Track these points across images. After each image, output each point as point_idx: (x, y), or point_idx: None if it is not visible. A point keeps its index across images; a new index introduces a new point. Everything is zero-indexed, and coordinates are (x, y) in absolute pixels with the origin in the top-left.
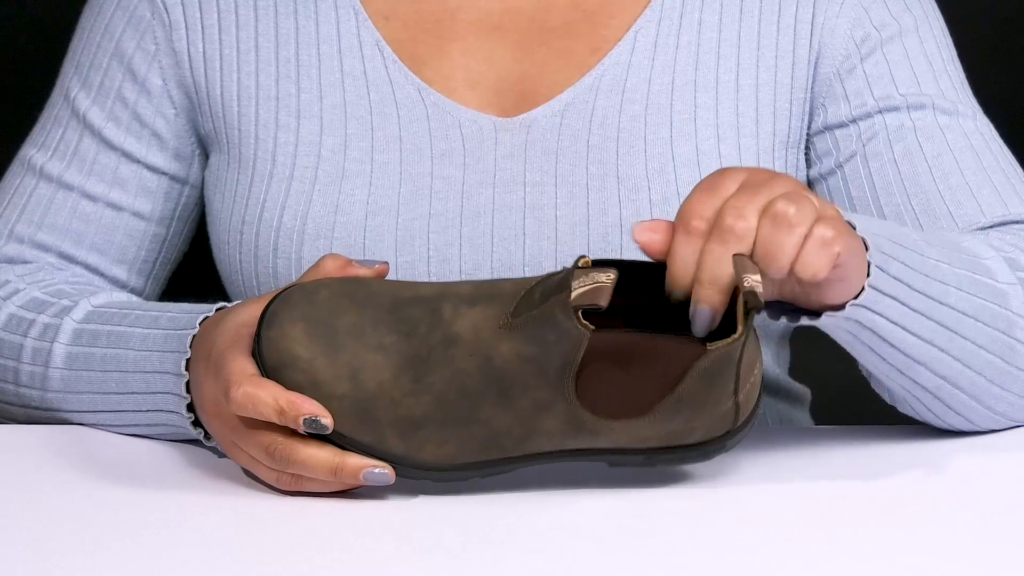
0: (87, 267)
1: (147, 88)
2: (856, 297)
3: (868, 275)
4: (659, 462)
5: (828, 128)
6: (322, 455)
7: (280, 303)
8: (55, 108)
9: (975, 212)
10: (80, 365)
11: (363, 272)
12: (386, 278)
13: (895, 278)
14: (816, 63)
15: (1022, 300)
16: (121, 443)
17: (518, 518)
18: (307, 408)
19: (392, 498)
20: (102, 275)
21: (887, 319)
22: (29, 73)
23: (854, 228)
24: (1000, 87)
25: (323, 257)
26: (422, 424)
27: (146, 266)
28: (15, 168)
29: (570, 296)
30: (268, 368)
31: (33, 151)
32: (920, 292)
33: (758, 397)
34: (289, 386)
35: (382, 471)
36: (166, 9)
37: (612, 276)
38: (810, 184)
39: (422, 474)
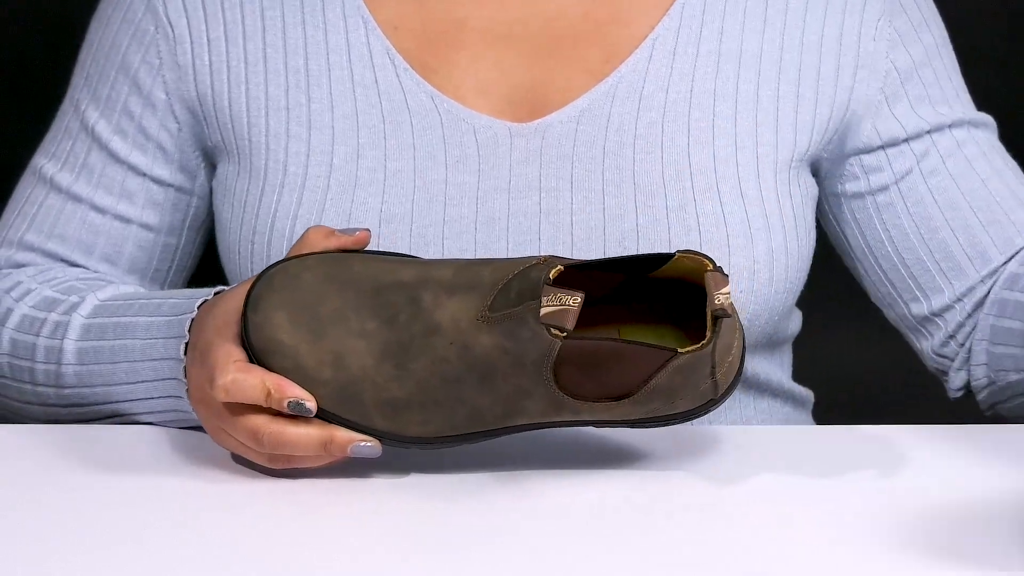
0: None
1: (152, 102)
2: None
3: None
4: (643, 426)
5: (882, 146)
6: (311, 432)
7: (264, 286)
8: (66, 118)
9: None
10: (91, 359)
11: (345, 241)
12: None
13: None
14: (853, 82)
15: None
16: (121, 442)
17: (515, 516)
18: (291, 392)
19: (391, 495)
20: None
21: None
22: (37, 71)
23: None
24: (998, 90)
25: (308, 229)
26: (406, 405)
27: (159, 274)
28: (27, 177)
29: (539, 312)
30: (256, 352)
31: (44, 161)
32: None
33: (740, 364)
34: (275, 371)
35: (368, 444)
36: (170, 24)
37: (578, 300)
38: (832, 198)
39: (408, 446)
